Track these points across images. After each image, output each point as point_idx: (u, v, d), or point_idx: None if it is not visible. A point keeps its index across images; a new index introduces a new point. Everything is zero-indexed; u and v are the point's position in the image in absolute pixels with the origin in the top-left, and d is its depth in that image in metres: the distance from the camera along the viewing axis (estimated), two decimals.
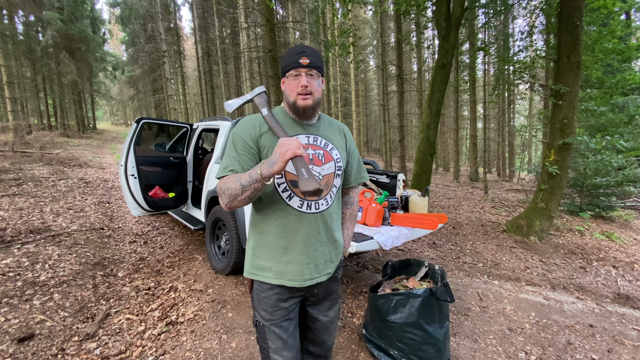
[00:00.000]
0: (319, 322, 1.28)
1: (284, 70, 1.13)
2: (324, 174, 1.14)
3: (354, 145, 1.33)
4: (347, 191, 1.39)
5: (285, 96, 1.14)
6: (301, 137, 1.14)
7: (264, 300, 1.15)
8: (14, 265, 2.90)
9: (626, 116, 6.83)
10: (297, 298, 1.19)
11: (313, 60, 1.09)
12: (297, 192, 1.10)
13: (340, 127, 1.30)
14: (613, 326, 2.60)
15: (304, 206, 1.11)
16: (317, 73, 1.11)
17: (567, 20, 4.66)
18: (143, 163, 3.62)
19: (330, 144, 1.19)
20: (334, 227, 1.21)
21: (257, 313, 1.18)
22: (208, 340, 2.16)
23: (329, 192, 1.16)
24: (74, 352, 1.99)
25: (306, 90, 1.08)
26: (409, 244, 4.48)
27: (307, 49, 1.11)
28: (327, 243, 1.18)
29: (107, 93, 27.12)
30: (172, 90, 12.27)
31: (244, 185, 0.96)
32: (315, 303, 1.26)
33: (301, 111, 1.12)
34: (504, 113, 17.61)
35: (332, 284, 1.26)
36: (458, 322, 2.51)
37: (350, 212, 1.39)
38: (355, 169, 1.34)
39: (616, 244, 5.02)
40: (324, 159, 1.16)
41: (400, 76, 11.46)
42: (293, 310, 1.19)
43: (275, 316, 1.14)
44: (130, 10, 16.48)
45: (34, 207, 4.57)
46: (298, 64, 1.08)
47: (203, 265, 3.34)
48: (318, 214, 1.14)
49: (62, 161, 8.49)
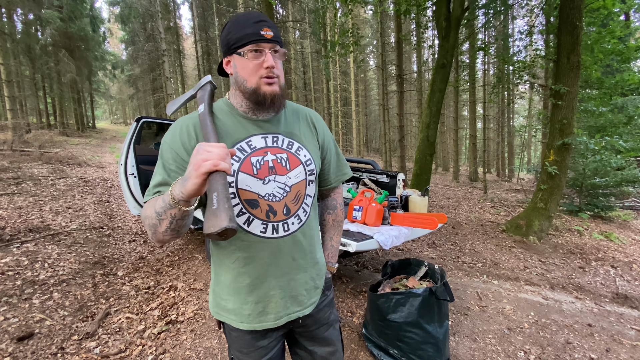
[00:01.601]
0: (317, 355, 1.03)
1: (234, 45, 0.81)
2: (292, 184, 0.88)
3: (329, 136, 1.04)
4: (327, 193, 1.11)
5: (239, 82, 0.84)
6: (256, 139, 0.87)
7: (236, 340, 0.93)
8: (13, 264, 2.90)
9: (625, 117, 6.85)
10: (278, 332, 0.96)
11: (277, 33, 0.83)
12: (257, 214, 0.85)
13: (308, 117, 1.00)
14: (611, 326, 2.61)
15: (269, 230, 0.86)
16: (281, 51, 0.84)
17: (566, 21, 4.66)
18: (143, 162, 3.62)
19: (296, 143, 0.92)
20: (313, 247, 0.97)
21: (232, 351, 0.97)
22: (208, 339, 2.17)
23: (300, 205, 0.91)
24: (73, 350, 1.99)
25: (273, 73, 0.81)
26: (408, 244, 4.48)
27: (266, 17, 0.83)
28: (305, 268, 0.94)
29: (107, 92, 27.10)
30: (171, 90, 12.26)
31: (158, 212, 0.70)
32: (306, 334, 1.02)
33: (268, 101, 0.83)
34: (503, 113, 17.63)
35: (323, 310, 1.02)
36: (457, 322, 2.52)
37: (332, 218, 1.11)
38: (334, 165, 1.07)
39: (615, 244, 5.03)
40: (288, 164, 0.89)
41: (400, 76, 11.46)
42: (274, 348, 0.96)
43: (253, 357, 0.93)
44: (129, 9, 16.44)
45: (33, 206, 4.56)
46: (260, 37, 0.79)
47: (203, 265, 3.34)
48: (288, 236, 0.89)
49: (61, 160, 8.48)
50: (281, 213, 0.87)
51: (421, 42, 14.15)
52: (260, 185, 0.85)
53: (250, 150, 0.86)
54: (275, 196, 0.86)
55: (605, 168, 6.09)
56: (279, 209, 0.87)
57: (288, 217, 0.88)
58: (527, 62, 6.50)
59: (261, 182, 0.85)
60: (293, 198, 0.89)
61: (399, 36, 10.42)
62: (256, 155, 0.86)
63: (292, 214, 0.89)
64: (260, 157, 0.86)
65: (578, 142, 5.34)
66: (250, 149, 0.86)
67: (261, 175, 0.85)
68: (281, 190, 0.87)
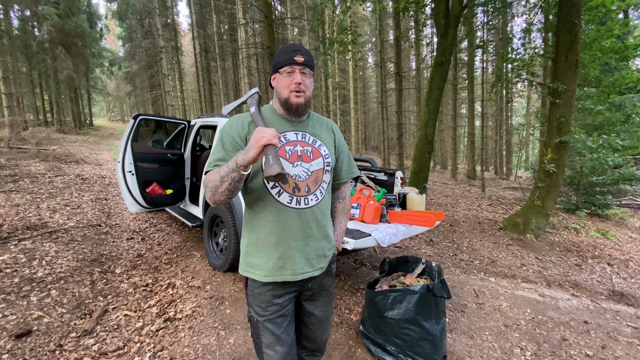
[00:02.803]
0: (314, 317, 1.30)
1: (277, 67, 1.13)
2: (313, 170, 1.16)
3: (343, 142, 1.35)
4: (338, 186, 1.41)
5: (277, 92, 1.15)
6: (289, 134, 1.16)
7: (258, 296, 1.16)
8: (11, 261, 2.89)
9: (623, 115, 6.86)
10: (292, 294, 1.20)
11: (307, 60, 1.11)
12: (286, 188, 1.12)
13: (329, 125, 1.31)
14: (607, 323, 2.63)
15: (294, 202, 1.13)
16: (309, 72, 1.13)
17: (565, 19, 4.66)
18: (141, 159, 3.60)
19: (319, 141, 1.21)
20: (325, 222, 1.23)
21: (252, 309, 1.19)
22: (206, 336, 2.17)
23: (318, 187, 1.18)
24: (71, 348, 1.99)
25: (300, 88, 1.10)
26: (406, 241, 4.50)
27: (302, 48, 1.13)
28: (318, 238, 1.19)
29: (104, 89, 26.98)
30: (169, 87, 12.21)
31: (222, 176, 0.98)
32: (310, 298, 1.27)
33: (294, 108, 1.13)
34: (501, 111, 17.65)
35: (326, 278, 1.29)
36: (454, 319, 2.53)
37: (342, 205, 1.40)
38: (346, 164, 1.36)
39: (611, 242, 5.06)
40: (312, 155, 1.17)
41: (399, 74, 11.44)
42: (287, 306, 1.19)
43: (269, 312, 1.15)
44: (127, 5, 16.31)
45: (30, 203, 4.54)
46: (293, 61, 1.09)
47: (201, 262, 3.34)
48: (308, 209, 1.15)
49: (58, 157, 8.43)
50: (304, 190, 1.14)
51: (420, 39, 14.15)
52: (291, 167, 1.13)
53: (285, 141, 1.15)
54: (300, 177, 1.14)
55: (603, 166, 6.11)
56: (302, 187, 1.14)
57: (308, 194, 1.15)
58: (525, 60, 6.50)
59: (291, 165, 1.13)
60: (313, 180, 1.17)
61: (398, 34, 10.40)
62: (289, 145, 1.15)
63: (311, 192, 1.16)
64: (292, 147, 1.15)
65: (575, 140, 5.36)
66: (285, 140, 1.15)
67: (292, 160, 1.14)
68: (305, 173, 1.15)
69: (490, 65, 17.59)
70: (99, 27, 17.98)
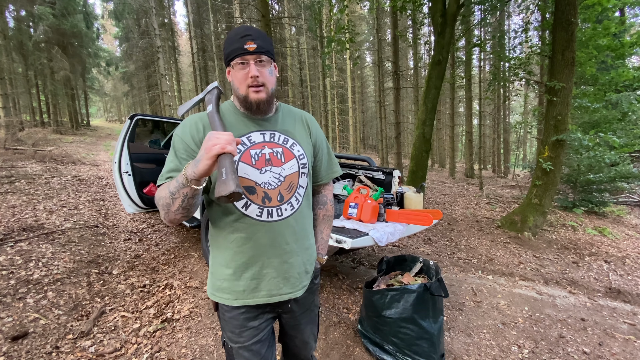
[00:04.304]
0: (298, 339, 1.17)
1: (227, 59, 0.96)
2: (286, 175, 1.00)
3: (321, 136, 1.16)
4: (318, 189, 1.22)
5: (234, 89, 0.98)
6: (255, 135, 1.00)
7: (230, 321, 1.01)
8: (7, 263, 2.87)
9: (619, 113, 6.89)
10: (268, 314, 1.05)
11: (261, 44, 0.92)
12: (254, 199, 0.96)
13: (303, 118, 1.13)
14: (604, 320, 2.64)
15: (264, 214, 0.97)
16: (267, 59, 0.95)
17: (561, 17, 4.67)
18: (137, 160, 3.59)
19: (291, 139, 1.04)
20: (305, 233, 1.07)
21: (225, 334, 1.05)
22: (204, 336, 2.17)
23: (293, 194, 1.02)
24: (68, 350, 1.98)
25: (257, 81, 0.93)
26: (404, 240, 4.50)
27: (252, 30, 0.93)
28: (298, 252, 1.04)
29: (101, 89, 26.83)
30: (166, 87, 12.18)
31: (172, 192, 0.81)
32: (291, 321, 1.12)
33: (254, 106, 0.97)
34: (499, 110, 17.69)
35: (308, 297, 1.12)
36: (452, 317, 2.54)
37: (323, 212, 1.21)
38: (325, 163, 1.18)
39: (608, 239, 5.08)
40: (283, 157, 1.01)
41: (397, 72, 11.45)
42: (265, 329, 1.04)
43: (244, 337, 1.00)
44: (123, 5, 16.26)
45: (26, 204, 4.52)
46: (243, 50, 0.91)
47: (199, 263, 3.34)
48: (282, 221, 0.99)
49: (55, 158, 8.39)
50: (275, 199, 0.98)
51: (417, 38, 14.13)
52: (258, 174, 0.97)
53: (249, 144, 0.98)
54: (270, 184, 0.98)
55: (599, 164, 6.13)
56: (273, 196, 0.98)
57: (281, 204, 0.99)
58: (522, 58, 6.51)
59: (258, 172, 0.97)
60: (287, 187, 1.00)
61: (395, 33, 10.40)
62: (255, 148, 0.98)
63: (285, 201, 1.00)
64: (258, 150, 0.99)
65: (572, 139, 5.37)
66: (250, 142, 0.99)
67: (259, 166, 0.97)
68: (276, 179, 0.99)
69: (488, 64, 17.63)
70: (95, 27, 17.93)
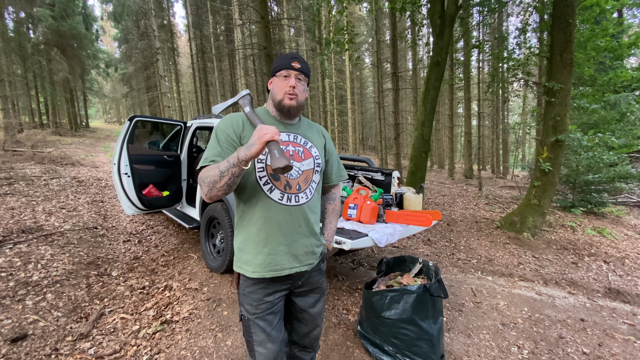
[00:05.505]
0: (306, 313, 1.34)
1: (274, 70, 1.21)
2: (304, 169, 1.22)
3: (332, 147, 1.43)
4: (329, 189, 1.47)
5: (272, 94, 1.22)
6: (282, 135, 1.20)
7: (249, 294, 1.20)
8: (6, 265, 2.87)
9: (618, 113, 6.90)
10: (282, 292, 1.24)
11: (304, 67, 1.20)
12: (278, 185, 1.16)
13: (319, 130, 1.38)
14: (604, 320, 2.65)
15: (285, 199, 1.17)
16: (304, 78, 1.21)
17: (560, 18, 4.69)
18: (136, 161, 3.58)
19: (310, 142, 1.27)
20: (314, 220, 1.27)
21: (243, 307, 1.23)
22: (203, 338, 2.16)
23: (308, 186, 1.23)
24: (67, 352, 1.98)
25: (294, 91, 1.17)
26: (404, 241, 4.50)
27: (300, 57, 1.21)
28: (307, 235, 1.24)
29: (100, 91, 26.83)
30: (166, 88, 12.18)
31: (222, 171, 1.01)
32: (301, 294, 1.32)
33: (286, 109, 1.20)
34: (498, 111, 17.72)
35: (316, 276, 1.33)
36: (452, 318, 2.54)
37: (332, 207, 1.46)
38: (336, 168, 1.43)
39: (607, 240, 5.09)
40: (303, 155, 1.24)
41: (396, 74, 11.46)
42: (277, 304, 1.24)
43: (260, 310, 1.19)
44: (122, 6, 16.23)
45: (25, 206, 4.51)
46: (290, 66, 1.17)
47: (198, 264, 3.33)
48: (298, 206, 1.19)
49: (54, 160, 8.38)
50: (295, 188, 1.20)
51: (416, 39, 14.17)
52: None
53: None
54: (292, 175, 1.20)
55: (598, 164, 6.15)
56: (293, 185, 1.19)
57: (299, 192, 1.20)
58: (521, 59, 6.53)
59: None
60: (304, 179, 1.22)
61: (394, 34, 10.42)
62: (282, 145, 1.18)
63: (302, 190, 1.21)
64: (284, 146, 1.20)
65: (571, 139, 5.39)
66: None
67: None
68: (296, 172, 1.20)
69: (487, 65, 17.67)
70: (94, 29, 17.92)
